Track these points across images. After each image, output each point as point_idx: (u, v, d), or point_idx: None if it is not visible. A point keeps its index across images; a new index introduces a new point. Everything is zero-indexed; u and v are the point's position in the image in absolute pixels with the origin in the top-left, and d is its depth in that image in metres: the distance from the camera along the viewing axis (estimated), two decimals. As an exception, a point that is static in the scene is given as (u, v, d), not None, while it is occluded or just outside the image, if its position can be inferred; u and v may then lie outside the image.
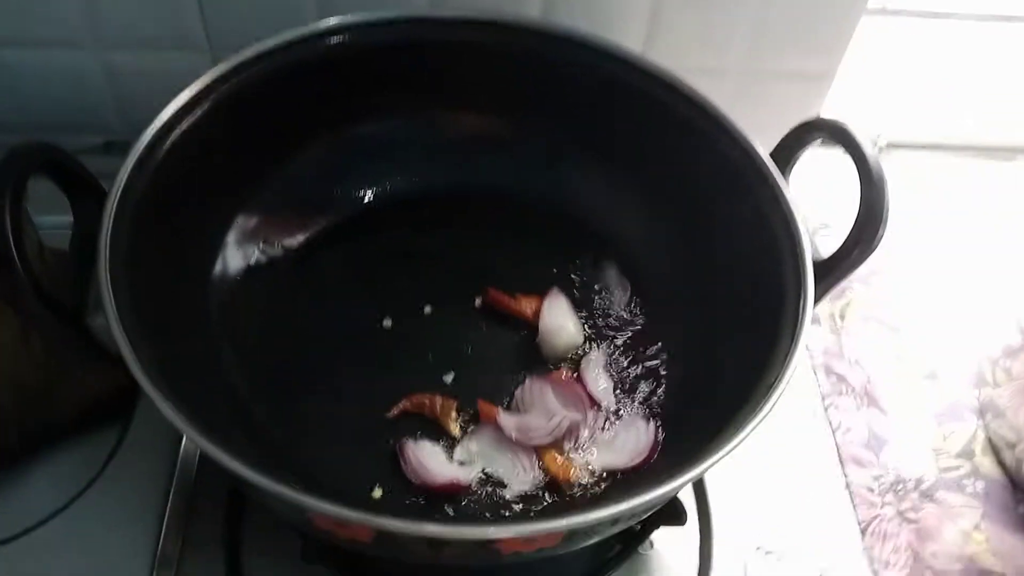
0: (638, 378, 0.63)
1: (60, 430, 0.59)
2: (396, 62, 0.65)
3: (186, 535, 0.57)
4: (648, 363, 0.64)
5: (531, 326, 0.64)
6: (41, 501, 0.56)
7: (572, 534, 0.45)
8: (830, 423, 0.78)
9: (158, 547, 0.54)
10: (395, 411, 0.59)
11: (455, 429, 0.58)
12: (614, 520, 0.45)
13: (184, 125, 0.56)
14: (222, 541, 0.56)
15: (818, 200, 0.96)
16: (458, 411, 0.59)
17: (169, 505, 0.55)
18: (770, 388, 0.48)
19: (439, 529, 0.40)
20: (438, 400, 0.59)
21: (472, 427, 0.59)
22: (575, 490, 0.57)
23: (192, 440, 0.40)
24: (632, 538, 0.60)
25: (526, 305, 0.65)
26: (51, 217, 0.56)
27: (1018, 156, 1.08)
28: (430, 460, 0.56)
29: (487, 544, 0.43)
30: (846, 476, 0.74)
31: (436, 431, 0.59)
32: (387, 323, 0.64)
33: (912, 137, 1.07)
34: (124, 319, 0.45)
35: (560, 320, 0.64)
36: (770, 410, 0.47)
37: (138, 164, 0.52)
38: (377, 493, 0.55)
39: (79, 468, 0.57)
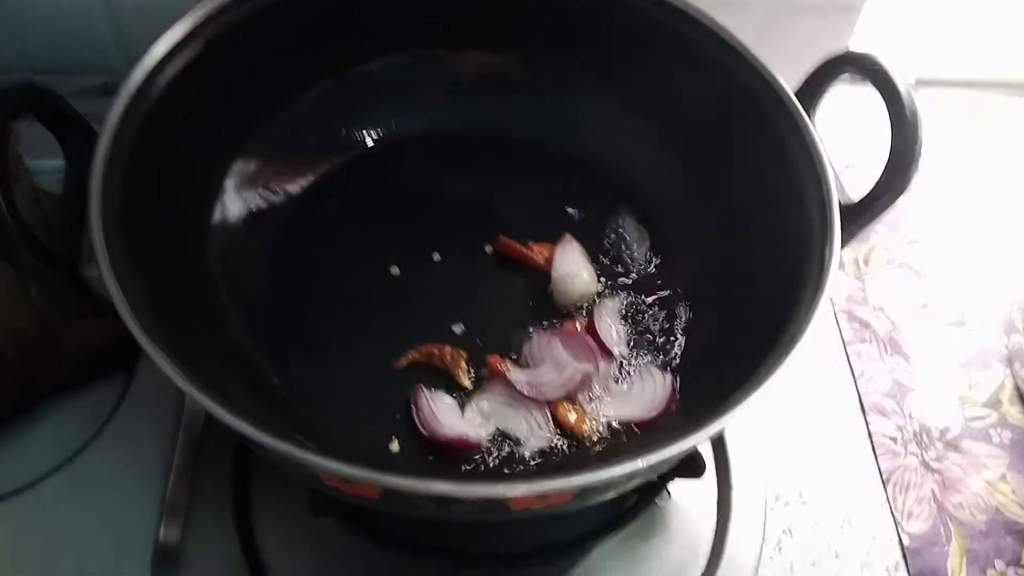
0: (654, 327, 0.61)
1: (62, 380, 0.58)
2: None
3: (194, 486, 0.56)
4: (665, 312, 0.62)
5: (544, 274, 0.62)
6: (46, 454, 0.55)
7: (584, 491, 0.43)
8: (852, 371, 0.77)
9: (165, 498, 0.53)
10: (403, 361, 0.57)
11: (466, 380, 0.57)
12: (629, 477, 0.43)
13: (178, 63, 0.53)
14: (230, 492, 0.56)
15: (844, 139, 0.93)
16: (468, 363, 0.57)
17: (176, 455, 0.55)
18: (792, 339, 0.46)
19: (446, 487, 0.39)
20: (447, 350, 0.57)
21: (483, 383, 0.57)
22: (591, 445, 0.55)
23: (187, 392, 0.39)
24: (649, 490, 0.59)
25: (538, 252, 0.63)
26: (49, 161, 0.53)
27: (1055, 93, 1.03)
28: (443, 412, 0.55)
29: (497, 501, 0.41)
30: (868, 425, 0.73)
31: (448, 383, 0.57)
32: (394, 271, 0.62)
33: (942, 74, 1.03)
34: (117, 268, 0.43)
35: (574, 267, 0.61)
36: (791, 360, 0.45)
37: (130, 105, 0.50)
38: (395, 447, 0.54)
39: (84, 420, 0.56)
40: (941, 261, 0.85)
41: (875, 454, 0.71)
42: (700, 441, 0.42)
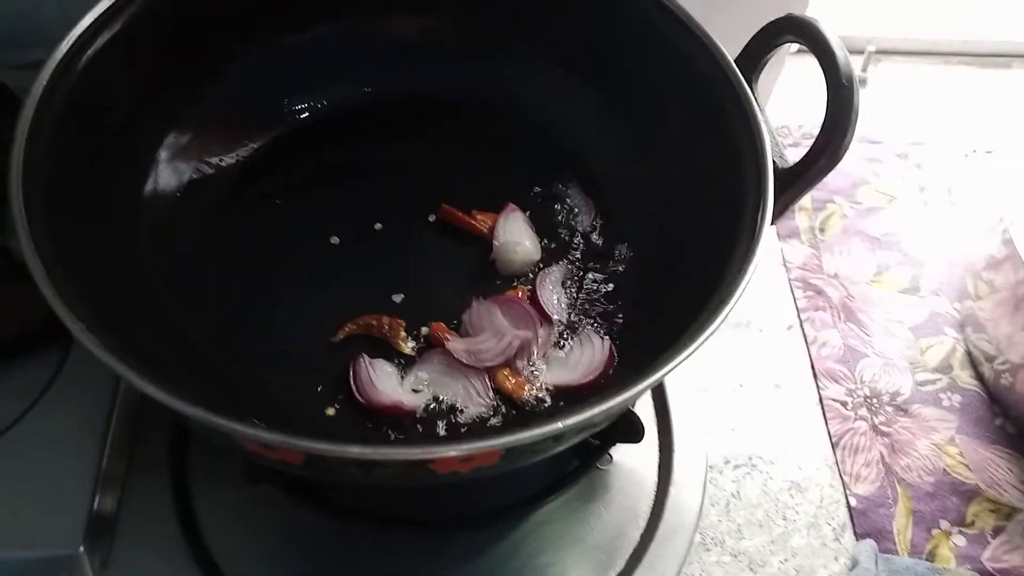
0: (595, 294, 0.61)
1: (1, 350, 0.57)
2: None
3: (131, 456, 0.56)
4: (607, 279, 0.62)
5: (487, 243, 0.62)
6: (-20, 425, 0.55)
7: (511, 452, 0.43)
8: (805, 337, 0.77)
9: (101, 468, 0.52)
10: (340, 334, 0.57)
11: (406, 348, 0.57)
12: (555, 437, 0.43)
13: (108, 33, 0.52)
14: (167, 462, 0.56)
15: (806, 111, 0.93)
16: (407, 331, 0.57)
17: (112, 426, 0.54)
18: (721, 304, 0.46)
19: (365, 450, 0.39)
20: (385, 320, 0.57)
21: (424, 352, 0.57)
22: (530, 410, 0.55)
23: (99, 359, 0.39)
24: (590, 454, 0.59)
25: (481, 221, 0.62)
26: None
27: (1014, 64, 1.03)
28: (382, 380, 0.54)
29: (419, 463, 0.41)
30: (820, 390, 0.74)
31: (389, 353, 0.57)
32: (334, 240, 0.62)
33: (903, 44, 1.03)
34: (37, 238, 0.42)
35: (516, 236, 0.61)
36: (718, 326, 0.44)
37: (56, 73, 0.49)
38: (330, 411, 0.54)
39: (21, 390, 0.56)
40: (896, 229, 0.85)
41: (825, 419, 0.72)
42: (620, 406, 0.42)
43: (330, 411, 0.54)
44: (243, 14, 0.62)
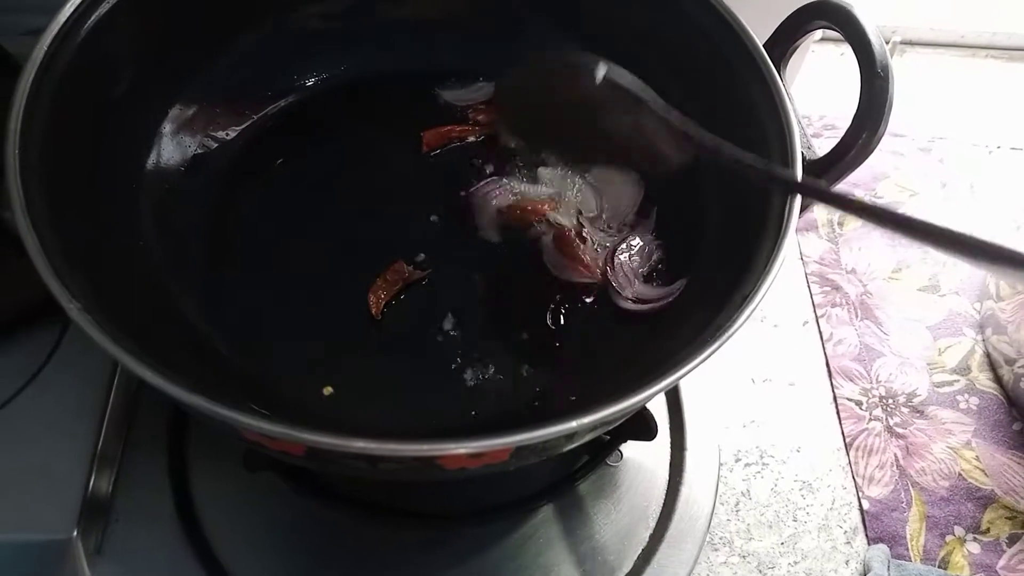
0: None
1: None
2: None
3: (128, 437, 0.55)
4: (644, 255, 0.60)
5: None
6: (-24, 402, 0.54)
7: (521, 450, 0.42)
8: (821, 334, 0.75)
9: (97, 447, 0.51)
10: (374, 309, 0.55)
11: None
12: (568, 435, 0.42)
13: (110, 1, 0.50)
14: (165, 445, 0.54)
15: (827, 101, 0.91)
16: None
17: (110, 405, 0.53)
18: (744, 299, 0.44)
19: (370, 445, 0.37)
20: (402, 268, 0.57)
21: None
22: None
23: (95, 340, 0.37)
24: (601, 449, 0.57)
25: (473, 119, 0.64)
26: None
27: (1039, 56, 1.01)
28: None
29: (428, 460, 0.40)
30: (834, 389, 0.72)
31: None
32: (344, 214, 0.60)
33: (928, 35, 1.00)
34: (33, 210, 0.41)
35: None
36: (741, 324, 0.43)
37: (58, 40, 0.47)
38: (328, 391, 0.52)
39: (18, 367, 0.54)
40: (918, 224, 0.83)
41: (839, 418, 0.70)
42: (635, 405, 0.40)
43: (328, 390, 0.52)
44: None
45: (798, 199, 0.48)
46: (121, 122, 0.53)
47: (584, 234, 0.60)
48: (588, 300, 0.57)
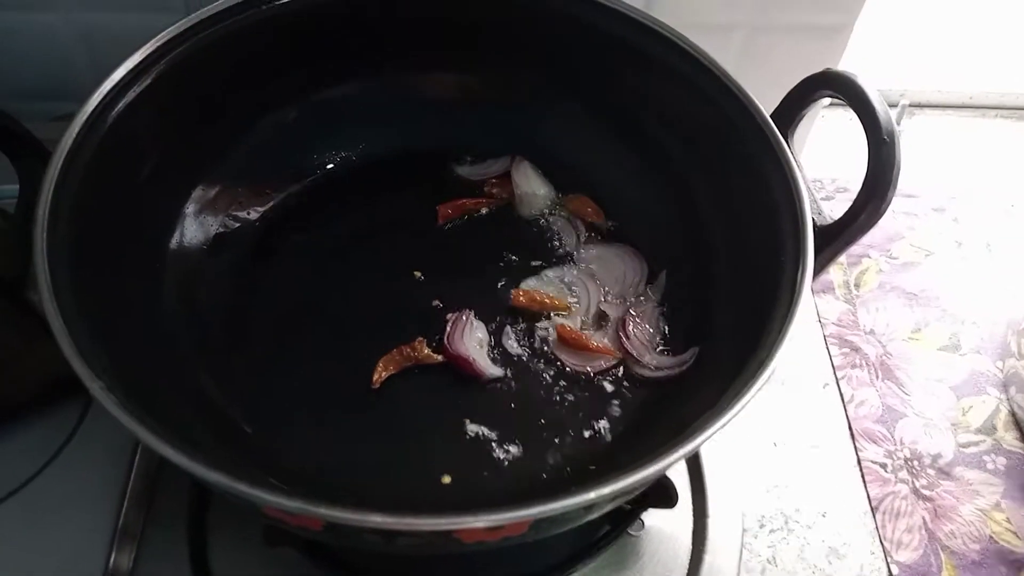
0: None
1: (23, 403, 0.57)
2: (363, 19, 0.62)
3: (148, 512, 0.55)
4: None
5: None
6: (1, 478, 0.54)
7: (540, 522, 0.42)
8: (842, 396, 0.75)
9: (118, 524, 0.51)
10: (377, 379, 0.56)
11: (436, 357, 0.58)
12: (587, 507, 0.42)
13: (138, 88, 0.52)
14: (185, 520, 0.54)
15: (839, 164, 0.92)
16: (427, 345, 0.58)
17: (131, 483, 0.53)
18: (761, 366, 0.44)
19: (387, 519, 0.37)
20: (405, 348, 0.57)
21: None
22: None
23: (117, 418, 0.37)
24: (622, 519, 0.57)
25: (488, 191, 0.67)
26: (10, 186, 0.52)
27: (1051, 118, 1.01)
28: (469, 336, 0.58)
29: (445, 534, 0.39)
30: (858, 451, 0.71)
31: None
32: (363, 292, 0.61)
33: (937, 97, 1.01)
34: (59, 292, 0.42)
35: (532, 185, 0.67)
36: (759, 390, 0.43)
37: (85, 130, 0.49)
38: (446, 479, 0.53)
39: (41, 444, 0.55)
40: (934, 284, 0.83)
41: (864, 481, 0.69)
42: (656, 473, 0.40)
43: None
44: (273, 72, 0.62)
45: (810, 262, 0.49)
46: (145, 204, 0.55)
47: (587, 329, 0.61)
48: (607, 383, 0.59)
